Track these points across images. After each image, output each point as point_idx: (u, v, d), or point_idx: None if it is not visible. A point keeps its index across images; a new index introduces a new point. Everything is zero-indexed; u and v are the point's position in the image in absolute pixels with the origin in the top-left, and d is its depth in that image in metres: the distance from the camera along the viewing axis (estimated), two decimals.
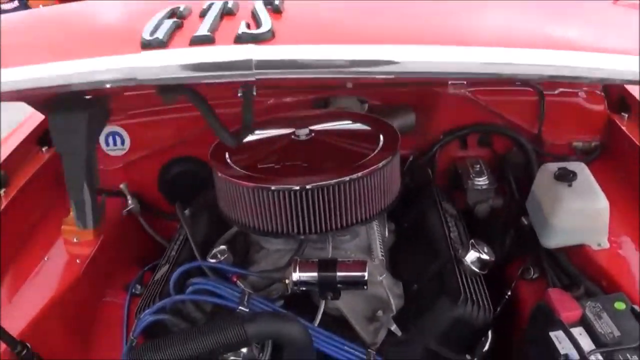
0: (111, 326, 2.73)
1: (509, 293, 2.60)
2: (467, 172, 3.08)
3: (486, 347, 2.31)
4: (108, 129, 3.19)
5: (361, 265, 2.26)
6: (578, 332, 2.08)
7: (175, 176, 3.29)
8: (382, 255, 2.53)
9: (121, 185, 3.14)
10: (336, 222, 2.37)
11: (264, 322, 2.03)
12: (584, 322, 2.11)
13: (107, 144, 3.24)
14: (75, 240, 2.84)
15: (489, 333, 2.31)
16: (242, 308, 2.24)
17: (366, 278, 2.21)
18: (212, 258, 2.46)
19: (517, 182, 3.06)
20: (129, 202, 3.16)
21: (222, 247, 2.49)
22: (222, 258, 2.45)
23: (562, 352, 2.03)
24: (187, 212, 2.87)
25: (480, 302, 2.27)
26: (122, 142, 3.25)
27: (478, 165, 3.09)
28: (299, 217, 2.33)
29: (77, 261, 2.75)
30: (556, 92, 3.12)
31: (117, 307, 2.82)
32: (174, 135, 3.19)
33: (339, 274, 2.22)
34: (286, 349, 2.10)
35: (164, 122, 3.19)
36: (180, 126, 3.16)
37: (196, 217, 2.86)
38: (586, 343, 2.03)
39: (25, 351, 2.28)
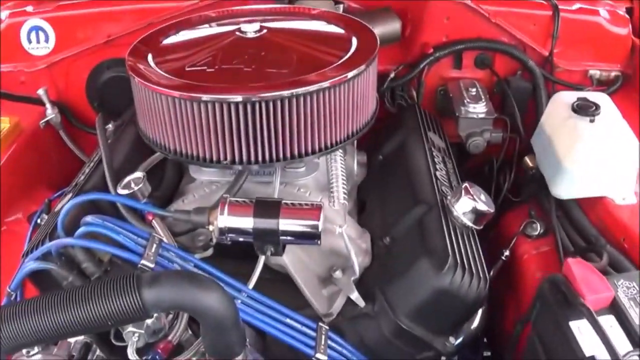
0: (4, 268, 2.11)
1: (507, 253, 2.08)
2: (461, 96, 2.46)
3: (475, 324, 1.79)
4: (30, 22, 2.65)
5: (314, 212, 1.66)
6: (608, 324, 1.50)
7: (107, 82, 2.68)
8: (346, 198, 1.90)
9: (39, 91, 2.61)
10: (287, 150, 1.78)
11: (168, 287, 1.37)
12: (615, 310, 1.53)
13: (29, 41, 2.66)
14: None
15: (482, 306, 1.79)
16: (146, 263, 1.62)
17: (320, 229, 1.65)
18: (124, 188, 1.82)
19: (522, 113, 2.54)
20: (49, 111, 2.63)
21: (139, 174, 1.85)
22: (136, 188, 1.81)
23: (586, 352, 1.43)
24: (110, 126, 2.34)
25: (474, 269, 1.69)
26: (47, 39, 2.68)
27: (474, 90, 2.46)
28: (238, 140, 1.75)
29: None
30: (573, 7, 2.58)
31: (17, 240, 2.24)
32: (107, 32, 2.62)
33: (282, 221, 1.66)
34: (202, 325, 1.46)
35: (97, 15, 2.65)
36: (115, 21, 2.62)
37: (120, 135, 2.24)
38: (618, 340, 1.46)
39: None
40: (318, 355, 1.63)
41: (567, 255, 1.91)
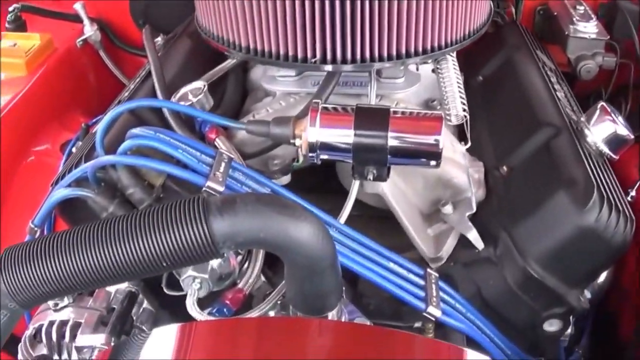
0: (31, 203, 1.74)
1: (633, 194, 1.62)
2: (568, 14, 2.02)
3: (602, 279, 1.50)
4: None
5: (434, 123, 1.26)
6: None
7: None
8: (467, 111, 1.50)
9: (76, 5, 2.26)
10: (391, 47, 1.40)
11: (246, 215, 0.99)
12: None
13: None
14: (1, 76, 2.03)
15: None
16: (214, 185, 1.23)
17: (442, 147, 1.25)
18: (179, 100, 1.46)
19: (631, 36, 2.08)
20: (87, 28, 2.29)
21: (199, 83, 1.49)
22: (195, 100, 1.45)
23: None
24: (159, 39, 2.06)
25: (620, 207, 1.34)
26: None
27: (582, 8, 2.04)
28: (332, 33, 1.38)
29: None
30: None
31: (44, 172, 1.89)
32: None
33: (392, 134, 1.25)
34: (288, 265, 1.08)
35: None
36: None
37: (171, 48, 1.86)
38: None
39: None
40: (431, 310, 1.26)
41: None
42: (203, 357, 1.03)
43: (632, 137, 1.44)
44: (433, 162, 1.27)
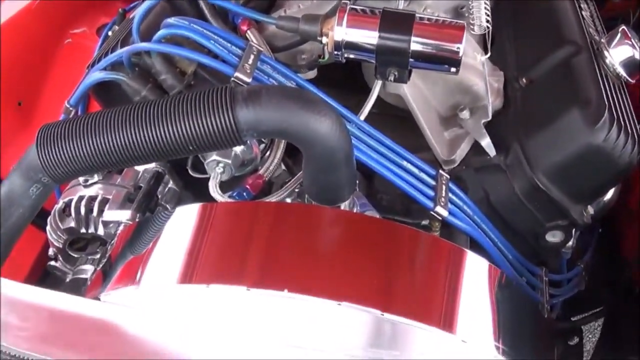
0: (67, 84, 1.77)
1: None
2: None
3: (609, 197, 1.51)
4: None
5: (456, 31, 1.28)
6: None
7: None
8: (489, 22, 1.50)
9: None
10: None
11: (270, 106, 1.03)
12: None
13: None
14: None
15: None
16: (241, 76, 1.28)
17: (462, 54, 1.28)
18: None
19: None
20: None
21: None
22: None
23: None
24: None
25: (629, 129, 1.38)
26: None
27: None
28: None
29: None
30: None
31: (81, 55, 1.92)
32: None
33: (416, 39, 1.27)
34: (306, 156, 1.13)
35: None
36: None
37: None
38: None
39: None
40: (438, 209, 1.31)
41: None
42: (221, 236, 1.11)
43: None
44: (453, 69, 1.30)
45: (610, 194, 1.51)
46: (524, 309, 1.27)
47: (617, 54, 1.44)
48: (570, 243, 1.50)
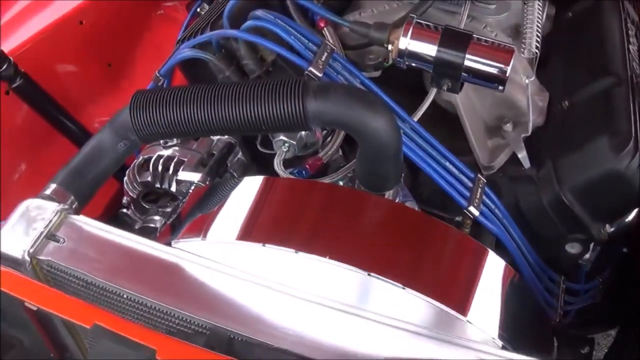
0: (154, 52, 2.02)
1: None
2: None
3: (630, 218, 1.59)
4: None
5: (506, 54, 1.44)
6: None
7: None
8: (538, 48, 1.66)
9: None
10: None
11: (335, 101, 1.21)
12: None
13: None
14: None
15: None
16: (314, 70, 1.46)
17: (508, 75, 1.44)
18: None
19: None
20: None
21: None
22: None
23: None
24: None
25: None
26: None
27: None
28: None
29: None
30: None
31: (172, 26, 2.10)
32: None
33: (469, 56, 1.44)
34: (361, 147, 1.30)
35: None
36: None
37: None
38: None
39: (5, 66, 1.78)
40: (471, 208, 1.47)
41: None
42: (279, 206, 1.29)
43: None
44: (500, 87, 1.45)
45: (632, 215, 1.60)
46: (530, 309, 1.43)
47: None
48: (587, 256, 1.63)
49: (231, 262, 1.14)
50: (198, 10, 2.04)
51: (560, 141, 1.60)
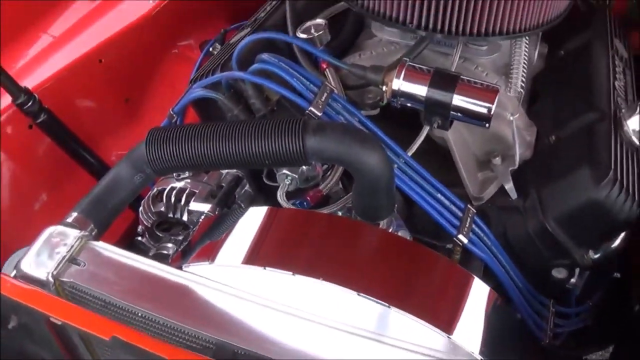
0: (169, 88, 2.20)
1: None
2: None
3: (616, 244, 1.70)
4: None
5: (490, 94, 1.57)
6: None
7: None
8: (523, 87, 1.80)
9: None
10: (474, 25, 1.68)
11: (333, 139, 1.34)
12: None
13: None
14: None
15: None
16: (314, 110, 1.61)
17: (492, 113, 1.57)
18: (303, 32, 1.78)
19: None
20: None
21: (321, 20, 1.80)
22: (316, 35, 1.76)
23: None
24: None
25: (631, 190, 1.61)
26: None
27: None
28: (428, 6, 1.67)
29: (150, 1, 2.28)
30: None
31: (186, 65, 2.27)
32: None
33: (457, 96, 1.57)
34: (356, 182, 1.44)
35: None
36: None
37: None
38: None
39: (30, 103, 1.89)
40: (460, 236, 1.58)
41: None
42: (280, 233, 1.43)
43: None
44: (485, 124, 1.58)
45: (618, 241, 1.70)
46: (514, 330, 1.54)
47: (633, 124, 1.69)
48: (573, 280, 1.73)
49: (236, 284, 1.28)
50: (211, 49, 2.20)
51: (545, 173, 1.70)
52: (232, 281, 1.29)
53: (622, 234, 1.70)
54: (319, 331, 1.21)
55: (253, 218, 1.44)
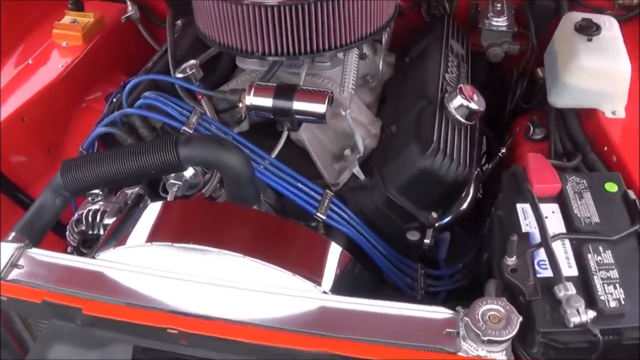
0: (82, 136, 2.49)
1: (503, 150, 2.29)
2: (486, 10, 2.66)
3: (464, 206, 2.02)
4: None
5: (321, 97, 1.99)
6: (550, 210, 1.75)
7: None
8: (353, 89, 2.20)
9: None
10: (310, 45, 2.05)
11: (198, 147, 1.76)
12: (561, 200, 1.77)
13: None
14: (64, 44, 2.76)
15: (470, 191, 2.02)
16: (186, 129, 2.05)
17: (324, 111, 1.97)
18: (181, 72, 2.21)
19: (544, 31, 2.64)
20: (129, 8, 2.92)
21: (194, 61, 2.22)
22: (190, 73, 2.19)
23: (524, 228, 1.70)
24: (179, 22, 2.67)
25: (454, 156, 1.99)
26: None
27: (500, 5, 2.64)
28: (268, 36, 2.03)
29: (60, 66, 2.63)
30: None
31: (93, 115, 2.58)
32: None
33: (295, 102, 1.99)
34: (223, 177, 1.88)
35: None
36: None
37: (185, 30, 2.58)
38: (556, 224, 1.71)
39: None
40: (318, 214, 1.98)
41: (557, 157, 2.15)
42: (166, 217, 1.80)
43: (482, 109, 2.07)
44: (324, 120, 1.96)
45: (466, 203, 1.99)
46: (358, 279, 1.86)
47: (454, 104, 2.07)
48: (427, 240, 2.02)
49: (134, 262, 1.65)
50: (114, 100, 2.59)
51: (385, 155, 2.08)
52: (131, 260, 1.66)
53: (470, 196, 1.99)
54: (200, 289, 1.57)
55: (151, 210, 1.80)
